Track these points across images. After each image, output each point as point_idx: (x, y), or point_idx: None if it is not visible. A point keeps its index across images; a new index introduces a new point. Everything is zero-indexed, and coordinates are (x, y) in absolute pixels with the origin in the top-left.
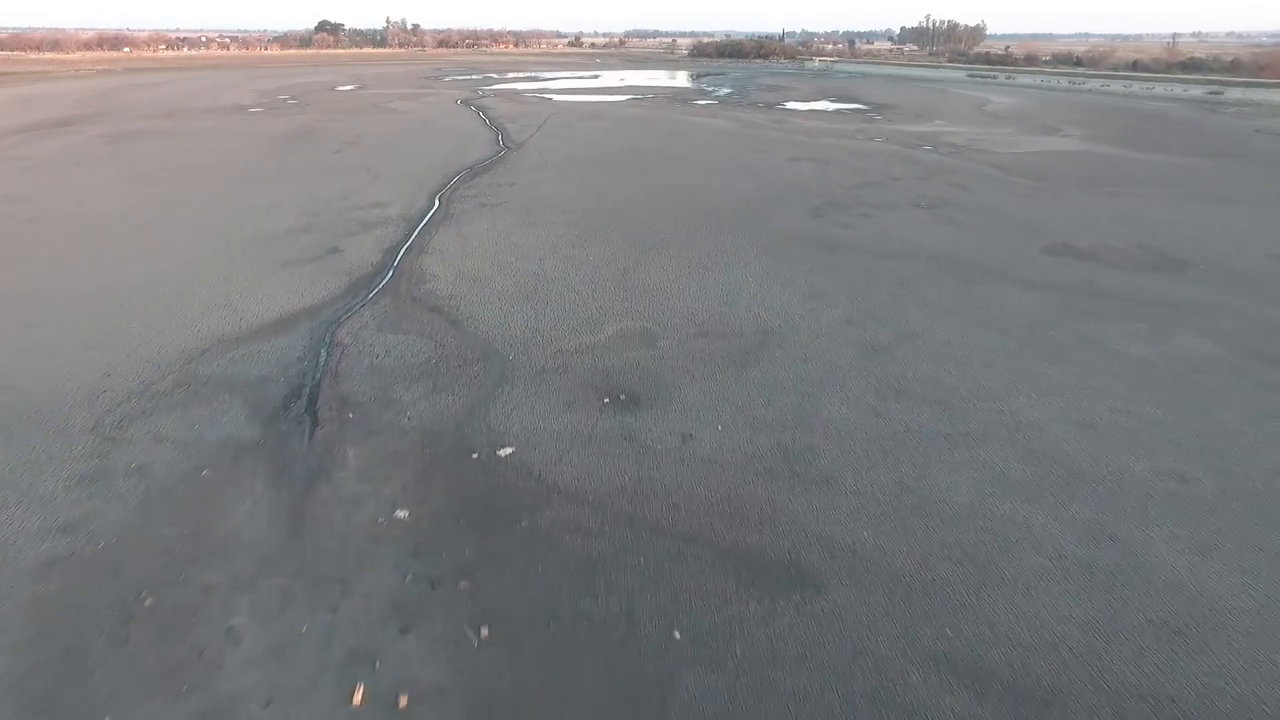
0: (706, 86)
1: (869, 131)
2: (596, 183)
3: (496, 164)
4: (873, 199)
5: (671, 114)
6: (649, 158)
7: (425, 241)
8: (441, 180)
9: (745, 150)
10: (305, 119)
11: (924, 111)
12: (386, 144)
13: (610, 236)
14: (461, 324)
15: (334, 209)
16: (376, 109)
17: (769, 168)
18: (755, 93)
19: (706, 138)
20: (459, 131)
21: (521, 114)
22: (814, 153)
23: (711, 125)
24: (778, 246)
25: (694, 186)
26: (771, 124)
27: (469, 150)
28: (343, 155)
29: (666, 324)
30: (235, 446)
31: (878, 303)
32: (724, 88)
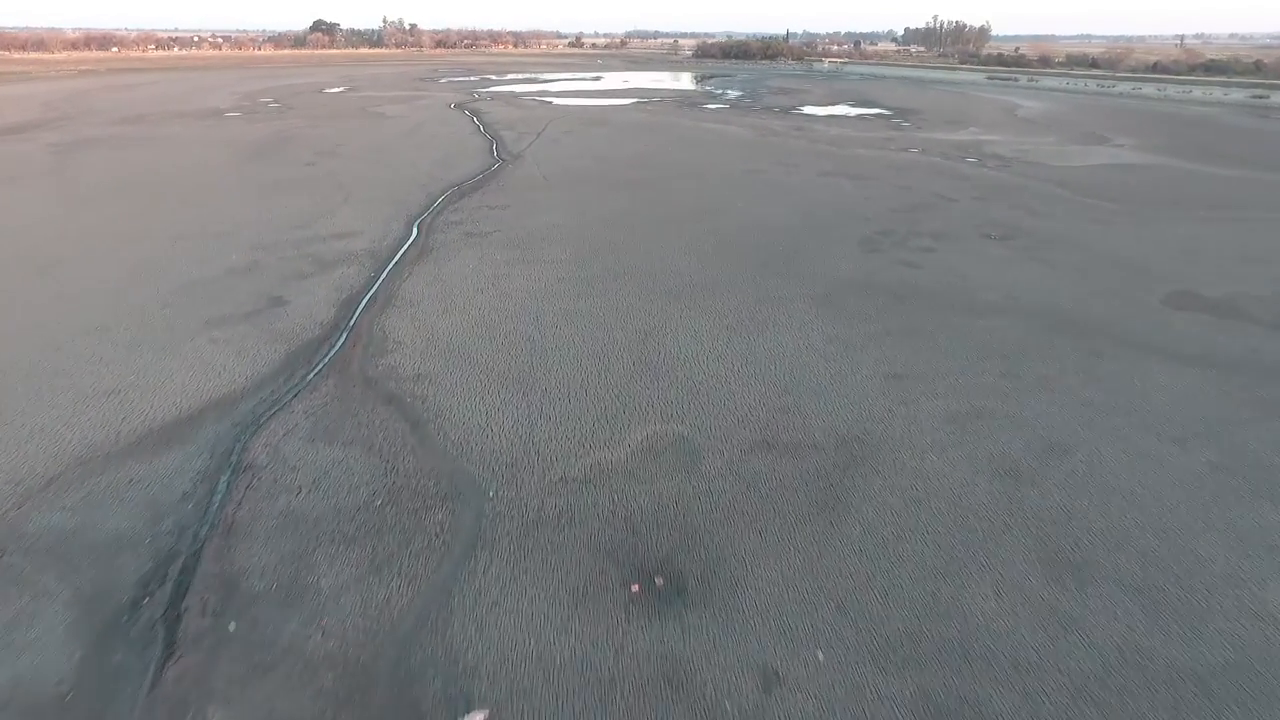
0: (714, 89)
1: (900, 140)
2: (603, 204)
3: (489, 180)
4: (931, 226)
5: (681, 120)
6: (661, 172)
7: (394, 288)
8: (424, 201)
9: (768, 163)
10: (283, 125)
11: (954, 117)
12: (367, 155)
13: (623, 279)
14: (426, 427)
15: (291, 240)
16: (363, 113)
17: (799, 185)
18: (767, 96)
19: (722, 148)
20: (449, 140)
21: (519, 120)
22: (846, 166)
23: (726, 133)
24: (834, 295)
25: (716, 209)
26: (791, 131)
27: (459, 163)
28: (315, 169)
29: (710, 425)
30: (13, 714)
31: (985, 387)
32: (733, 90)
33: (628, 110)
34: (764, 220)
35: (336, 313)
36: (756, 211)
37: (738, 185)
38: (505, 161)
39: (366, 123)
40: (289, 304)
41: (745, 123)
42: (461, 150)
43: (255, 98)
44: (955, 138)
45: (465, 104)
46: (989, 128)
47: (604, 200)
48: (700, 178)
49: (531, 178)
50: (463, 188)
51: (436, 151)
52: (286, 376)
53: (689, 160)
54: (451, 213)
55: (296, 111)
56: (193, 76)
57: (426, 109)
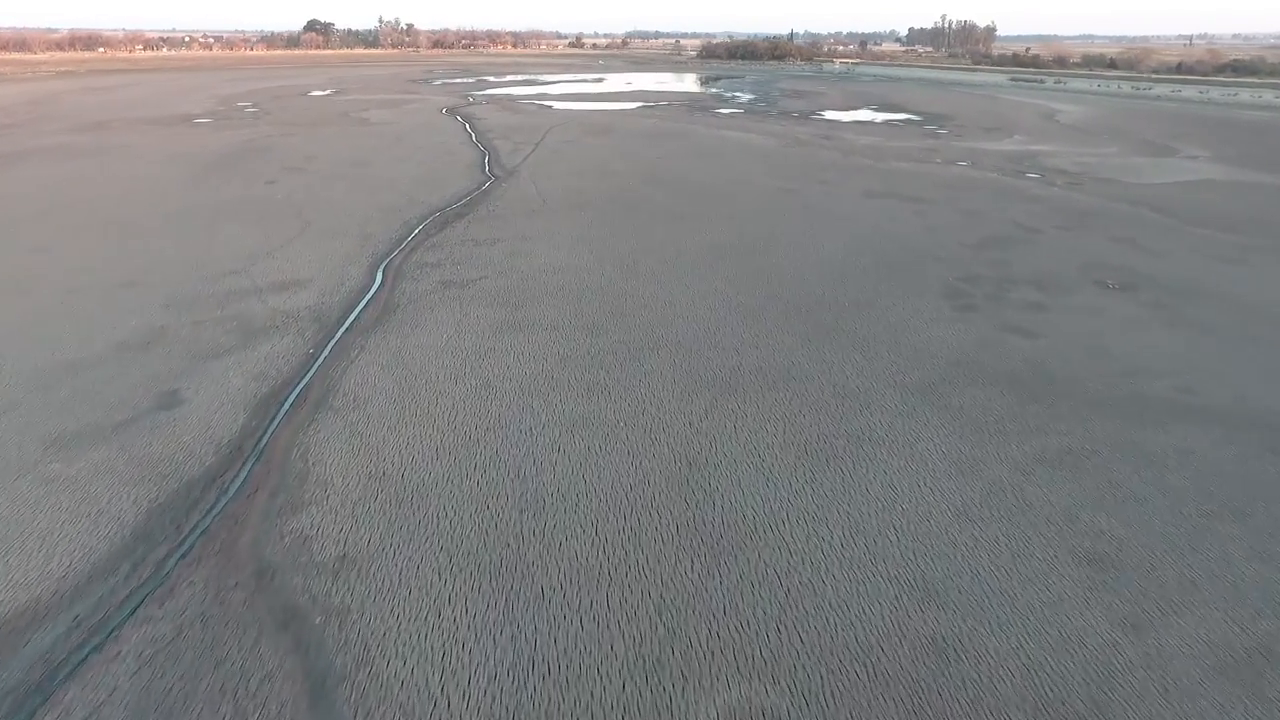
0: (725, 92)
1: (943, 151)
2: (614, 236)
3: (478, 203)
4: (1025, 269)
5: (694, 126)
6: (680, 191)
7: (337, 375)
8: (397, 233)
9: (803, 179)
10: (255, 133)
11: (992, 124)
12: (341, 170)
13: (649, 357)
14: (333, 697)
15: (218, 292)
16: (345, 119)
17: (847, 209)
18: (782, 99)
19: (746, 159)
20: (436, 152)
21: (516, 127)
22: (894, 184)
23: (747, 142)
24: (937, 387)
25: (756, 242)
26: (819, 140)
27: (444, 180)
28: (275, 189)
29: (822, 684)
30: None
31: (1250, 594)
32: (744, 93)
33: (635, 115)
34: (817, 259)
35: (246, 421)
36: (806, 247)
37: (775, 209)
38: (498, 178)
39: (347, 130)
40: (183, 405)
41: (765, 130)
42: (449, 164)
43: (233, 101)
44: (1002, 148)
45: (458, 108)
46: (1036, 136)
47: (615, 231)
48: (729, 199)
49: (528, 200)
50: (446, 214)
51: (420, 166)
52: (130, 569)
53: (711, 176)
54: (429, 250)
55: (273, 117)
56: (175, 78)
57: (415, 114)
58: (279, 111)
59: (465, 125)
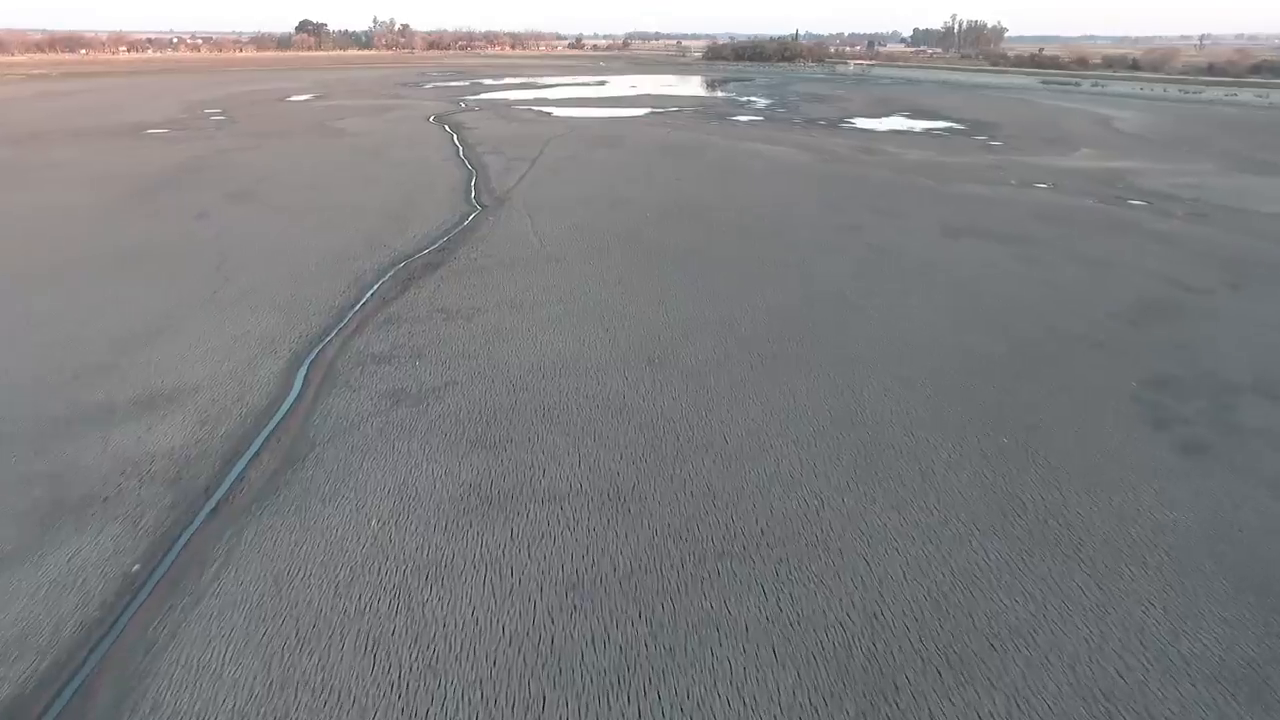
0: (737, 96)
1: (1011, 169)
2: (634, 303)
3: (456, 247)
4: (1232, 363)
5: (712, 137)
6: (711, 227)
7: (138, 664)
8: (342, 298)
9: (859, 207)
10: (209, 147)
11: (1048, 133)
12: (294, 197)
13: (719, 580)
14: None
15: (48, 413)
16: (318, 130)
17: (930, 253)
18: (803, 105)
19: (783, 180)
20: (416, 171)
21: (510, 138)
22: (973, 215)
23: (777, 157)
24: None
25: (828, 308)
26: (860, 155)
27: (419, 211)
28: (205, 225)
29: None
30: None
31: None
32: (759, 97)
33: (643, 124)
34: (921, 340)
35: None
36: (898, 315)
37: (838, 253)
38: (486, 208)
39: (317, 143)
40: None
41: (795, 141)
42: (428, 188)
43: (201, 108)
44: (1077, 164)
45: (448, 116)
46: (1107, 149)
47: (636, 293)
48: (775, 237)
49: (521, 241)
50: (413, 265)
51: (393, 191)
52: None
53: (746, 203)
54: (380, 329)
55: (238, 127)
56: (150, 82)
57: (398, 123)
58: (247, 120)
59: (453, 136)
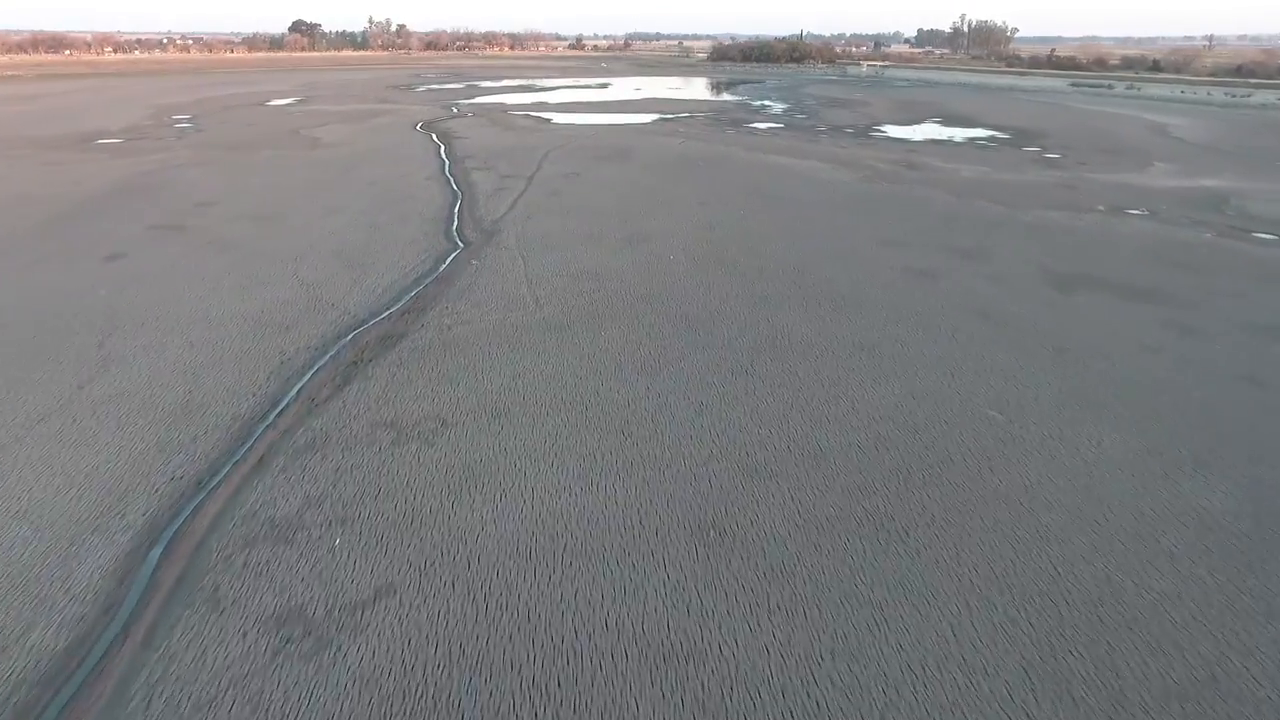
0: (750, 100)
1: (1084, 189)
2: (666, 408)
3: (424, 311)
4: None
5: (733, 149)
6: (752, 275)
7: None
8: (253, 401)
9: (927, 245)
10: (161, 160)
11: (1105, 144)
12: (236, 229)
13: None
14: None
15: None
16: (290, 140)
17: (1045, 319)
18: (823, 110)
19: (824, 204)
20: (391, 193)
21: (504, 150)
22: (1076, 257)
23: (811, 174)
24: None
25: (938, 428)
26: (904, 170)
27: (384, 252)
28: (112, 270)
29: None
30: None
31: None
32: (773, 101)
33: (653, 133)
34: (1105, 498)
35: None
36: (1053, 443)
37: (921, 316)
38: (469, 246)
39: (285, 156)
40: None
41: (825, 153)
42: (402, 217)
43: (169, 113)
44: (1163, 184)
45: (437, 123)
46: (1186, 164)
47: (677, 394)
48: (831, 285)
49: (511, 297)
50: (361, 343)
51: (359, 221)
52: None
53: (792, 239)
54: (293, 468)
55: (202, 136)
56: (126, 84)
57: (382, 131)
58: (215, 128)
59: (440, 148)
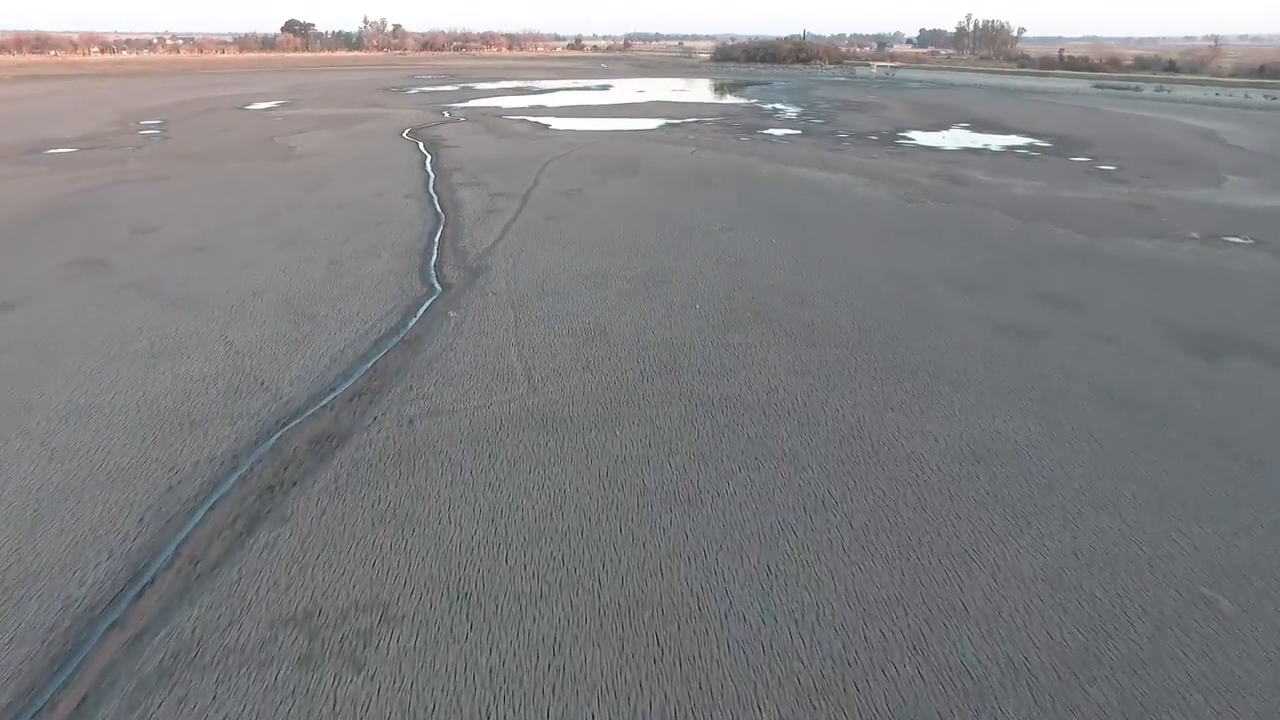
0: (761, 103)
1: (1157, 210)
2: (735, 573)
3: (383, 390)
4: None
5: (750, 159)
6: (805, 337)
7: None
8: (114, 565)
9: (1001, 285)
10: (108, 175)
11: (1160, 154)
12: (162, 268)
13: None
14: None
15: None
16: (262, 149)
17: (1204, 412)
18: (839, 114)
19: (869, 232)
20: (362, 217)
21: (497, 162)
22: (1196, 306)
23: (844, 190)
24: None
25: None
26: (947, 186)
27: (342, 301)
28: None
29: None
30: None
31: None
32: (785, 104)
33: (661, 140)
34: None
35: None
36: None
37: (1069, 420)
38: (447, 290)
39: (250, 170)
40: None
41: (854, 165)
42: (371, 250)
43: (138, 118)
44: (1252, 203)
45: (426, 129)
46: (1263, 178)
47: (725, 552)
48: (905, 350)
49: (496, 370)
50: (291, 446)
51: (321, 252)
52: None
53: (840, 279)
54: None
55: (166, 145)
56: (103, 86)
57: (364, 139)
58: (182, 135)
59: (426, 160)
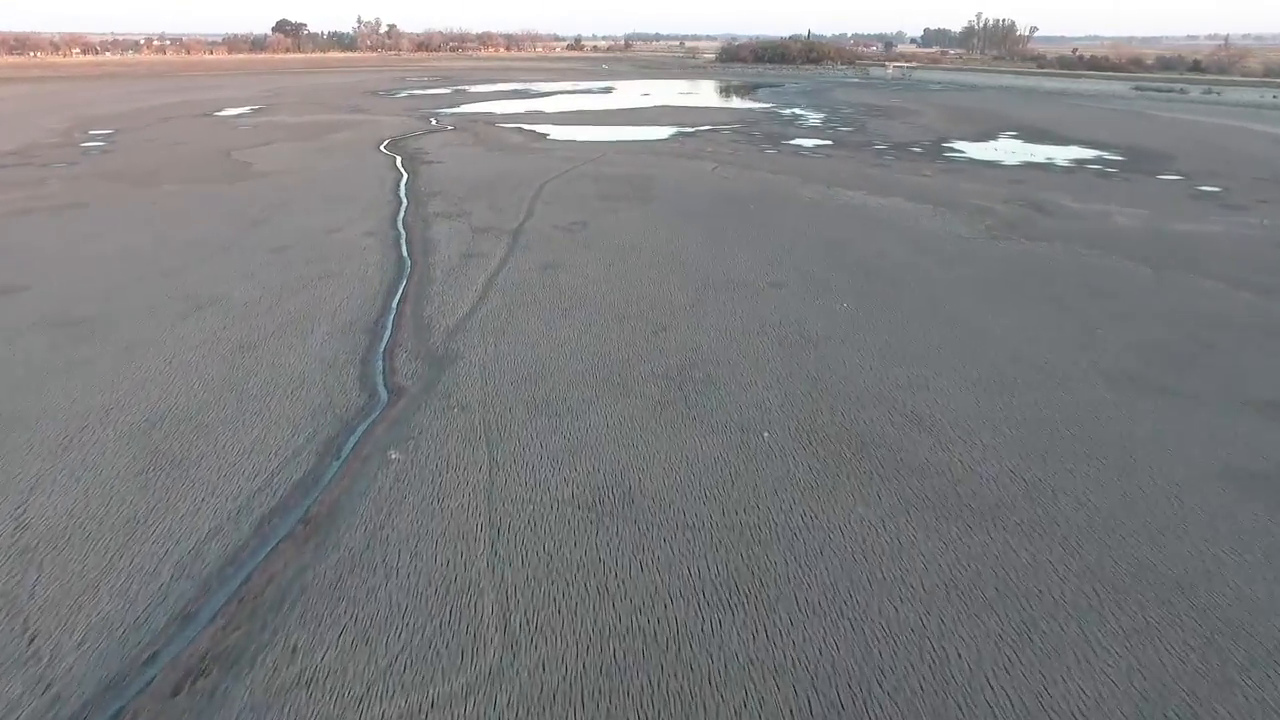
0: (779, 108)
1: None
2: None
3: (246, 659)
4: None
5: (782, 177)
6: (939, 503)
7: None
8: None
9: (1218, 393)
10: (4, 203)
11: (1264, 171)
12: (21, 352)
13: None
14: None
15: None
16: (215, 165)
17: None
18: (867, 120)
19: (972, 292)
20: (304, 264)
21: (485, 182)
22: None
23: (908, 222)
24: None
25: None
26: (1034, 216)
27: (228, 435)
28: None
29: None
30: None
31: None
32: (804, 109)
33: (675, 153)
34: None
35: None
36: None
37: None
38: (394, 400)
39: (192, 194)
40: None
41: (909, 186)
42: (301, 321)
43: (88, 127)
44: None
45: (408, 140)
46: None
47: None
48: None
49: (448, 601)
50: None
51: (230, 327)
52: None
53: (962, 388)
54: None
55: (105, 160)
56: (71, 90)
57: (334, 154)
58: (127, 149)
59: (402, 181)
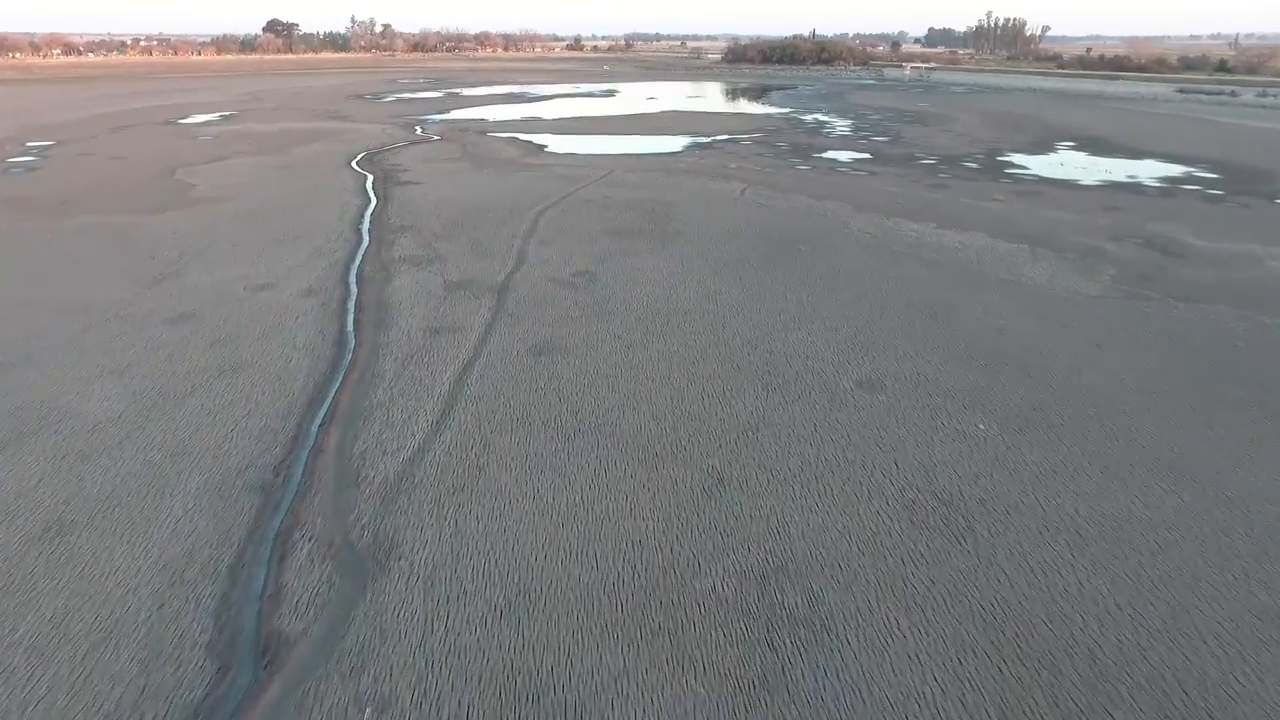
0: (799, 113)
1: None
2: None
3: None
4: None
5: (831, 204)
6: None
7: None
8: None
9: None
10: None
11: None
12: None
13: None
14: None
15: None
16: (152, 188)
17: None
18: (899, 127)
19: (1146, 400)
20: (200, 352)
21: (469, 209)
22: None
23: (1007, 272)
24: None
25: None
26: (1165, 262)
27: None
28: None
29: None
30: None
31: None
32: (826, 114)
33: (693, 169)
34: None
35: None
36: None
37: None
38: (258, 685)
39: (99, 228)
40: None
41: (989, 218)
42: (166, 464)
43: (25, 139)
44: None
45: (386, 153)
46: None
47: None
48: None
49: None
50: None
51: (47, 486)
52: None
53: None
54: None
55: (25, 182)
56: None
57: (298, 172)
58: (57, 166)
59: (368, 210)
